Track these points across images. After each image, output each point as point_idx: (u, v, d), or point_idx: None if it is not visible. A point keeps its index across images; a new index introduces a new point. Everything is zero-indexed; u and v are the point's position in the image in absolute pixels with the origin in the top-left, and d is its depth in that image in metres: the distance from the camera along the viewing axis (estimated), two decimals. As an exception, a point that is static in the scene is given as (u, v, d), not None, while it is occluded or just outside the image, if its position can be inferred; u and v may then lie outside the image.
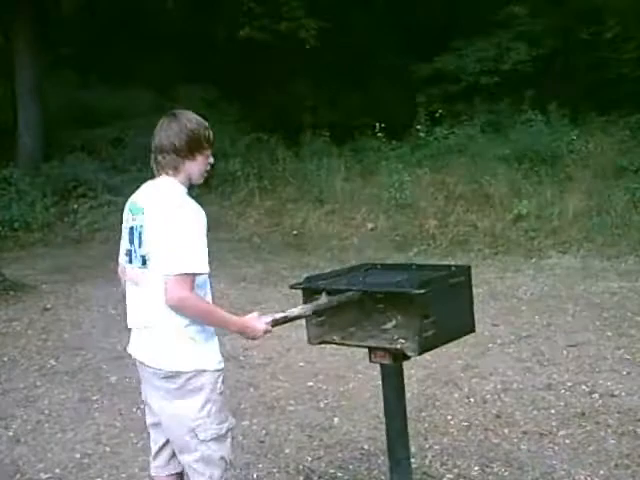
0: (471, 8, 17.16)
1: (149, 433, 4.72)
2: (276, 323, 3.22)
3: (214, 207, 11.14)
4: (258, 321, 3.17)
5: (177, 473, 3.34)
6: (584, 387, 5.33)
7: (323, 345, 6.08)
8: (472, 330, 3.65)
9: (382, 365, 3.55)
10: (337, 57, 17.70)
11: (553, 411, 4.96)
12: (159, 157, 3.16)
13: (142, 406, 5.36)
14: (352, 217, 11.65)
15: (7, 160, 14.71)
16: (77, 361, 6.59)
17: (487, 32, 16.17)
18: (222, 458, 3.16)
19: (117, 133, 15.63)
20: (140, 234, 3.14)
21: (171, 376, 3.11)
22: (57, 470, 4.51)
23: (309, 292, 3.62)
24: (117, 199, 13.16)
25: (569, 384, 5.41)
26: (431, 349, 3.43)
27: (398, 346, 3.39)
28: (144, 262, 3.10)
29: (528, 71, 15.33)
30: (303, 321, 3.61)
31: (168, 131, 3.14)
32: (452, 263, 7.93)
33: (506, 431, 4.70)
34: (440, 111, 14.84)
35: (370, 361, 3.55)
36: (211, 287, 3.17)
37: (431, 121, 14.60)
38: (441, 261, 8.98)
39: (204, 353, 3.10)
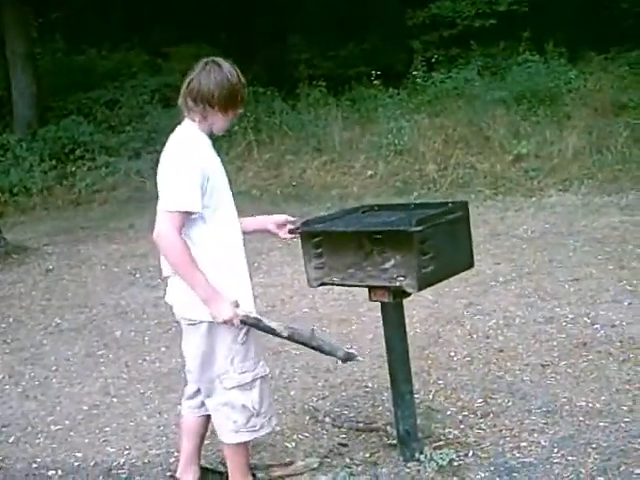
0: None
1: (155, 381, 4.80)
2: (246, 321, 3.08)
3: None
4: (228, 308, 3.02)
5: (208, 415, 3.41)
6: (586, 319, 5.35)
7: (326, 291, 6.23)
8: (471, 265, 3.64)
9: (382, 304, 3.56)
10: (331, 7, 17.51)
11: (555, 343, 4.98)
12: (190, 102, 3.08)
13: (147, 358, 5.49)
14: (351, 165, 11.60)
15: (3, 127, 14.72)
16: (81, 318, 6.64)
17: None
18: (244, 406, 3.20)
19: (111, 95, 15.54)
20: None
21: (194, 324, 3.15)
22: (66, 422, 4.57)
23: (308, 235, 3.63)
24: (114, 160, 13.21)
25: (571, 316, 5.43)
26: (430, 285, 3.43)
27: (397, 284, 3.39)
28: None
29: (524, 11, 15.13)
30: (303, 266, 3.62)
31: (209, 79, 3.04)
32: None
33: (509, 364, 4.73)
34: (436, 56, 14.75)
35: (370, 300, 3.57)
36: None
37: (427, 67, 14.49)
38: (442, 204, 8.96)
39: None
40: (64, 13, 19.08)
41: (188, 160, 3.00)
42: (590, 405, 4.04)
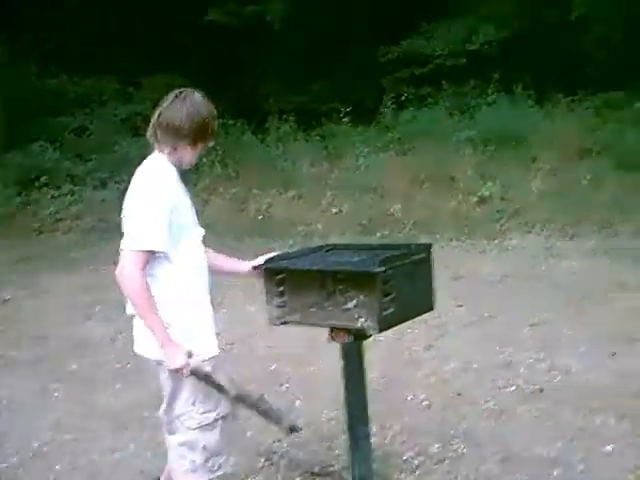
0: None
1: (109, 418, 4.71)
2: (195, 373, 3.03)
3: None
4: (181, 357, 2.97)
5: None
6: (543, 365, 5.39)
7: (286, 330, 6.16)
8: (431, 308, 3.64)
9: (343, 345, 3.56)
10: (302, 42, 17.65)
11: (513, 388, 5.01)
12: (160, 134, 3.05)
13: (102, 393, 5.41)
14: (318, 202, 11.62)
15: (-32, 151, 14.51)
16: (38, 350, 6.53)
17: (454, 13, 16.19)
18: (205, 447, 3.16)
19: (80, 122, 15.42)
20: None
21: (158, 363, 3.12)
22: (14, 459, 4.47)
23: (270, 273, 3.62)
24: (80, 188, 13.09)
25: (529, 361, 5.46)
26: (391, 327, 3.42)
27: (359, 325, 3.39)
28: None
29: (494, 53, 15.38)
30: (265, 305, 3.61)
31: (178, 112, 3.01)
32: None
33: (466, 409, 4.74)
34: (406, 94, 14.89)
35: (331, 340, 3.55)
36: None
37: (397, 105, 14.63)
38: (406, 244, 9.01)
39: (185, 343, 3.03)
40: (33, 37, 18.95)
41: (155, 197, 2.96)
42: (545, 453, 4.06)
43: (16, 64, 17.76)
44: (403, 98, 14.80)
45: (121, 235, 3.09)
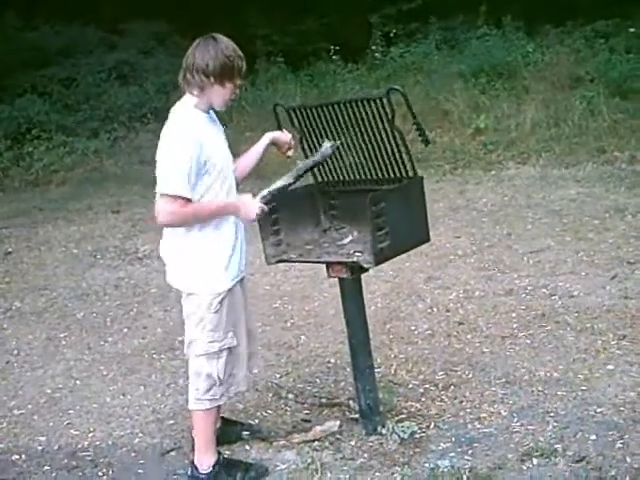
0: None
1: (118, 362, 4.79)
2: (265, 201, 3.31)
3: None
4: (251, 201, 3.28)
5: None
6: (544, 290, 5.44)
7: (287, 268, 6.24)
8: (427, 240, 3.70)
9: (340, 279, 3.61)
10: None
11: (514, 315, 5.07)
12: (188, 75, 3.21)
13: (110, 339, 5.47)
14: (312, 141, 11.53)
15: (-45, 107, 14.33)
16: (42, 301, 6.58)
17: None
18: (209, 375, 3.35)
19: (67, 72, 15.20)
20: None
21: (180, 290, 3.39)
22: (29, 406, 4.55)
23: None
24: (72, 139, 12.98)
25: (530, 288, 5.52)
26: (386, 260, 3.49)
27: (354, 259, 3.46)
28: None
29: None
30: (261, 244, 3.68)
31: (204, 52, 3.17)
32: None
33: (469, 337, 4.81)
34: (395, 31, 14.72)
35: (328, 276, 3.62)
36: None
37: (386, 41, 14.47)
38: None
39: (200, 276, 3.28)
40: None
41: (178, 145, 3.13)
42: (548, 375, 4.14)
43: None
44: (392, 35, 14.61)
45: (117, 184, 3.16)
